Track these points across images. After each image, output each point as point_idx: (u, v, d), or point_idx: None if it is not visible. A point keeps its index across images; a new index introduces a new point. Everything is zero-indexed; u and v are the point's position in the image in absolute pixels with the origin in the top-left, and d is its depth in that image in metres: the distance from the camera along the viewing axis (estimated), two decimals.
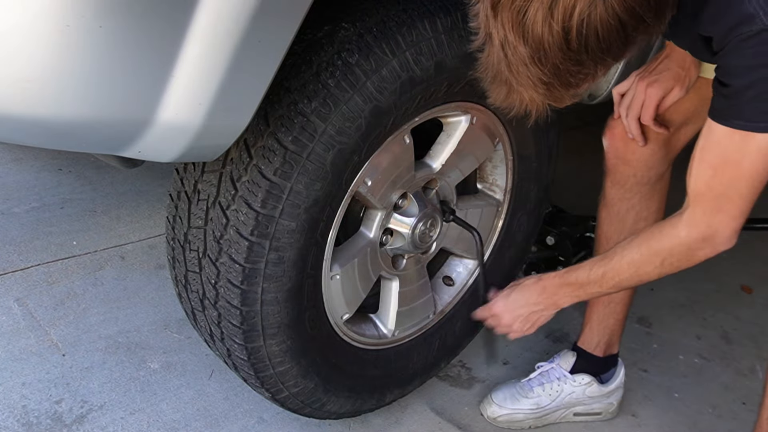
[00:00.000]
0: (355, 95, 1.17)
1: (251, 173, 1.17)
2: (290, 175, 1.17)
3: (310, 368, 1.41)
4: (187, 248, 1.30)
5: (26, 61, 0.83)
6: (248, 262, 1.21)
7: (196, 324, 1.42)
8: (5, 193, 2.37)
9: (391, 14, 1.21)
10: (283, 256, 1.23)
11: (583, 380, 1.72)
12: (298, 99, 1.15)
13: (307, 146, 1.16)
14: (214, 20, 0.90)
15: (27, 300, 1.88)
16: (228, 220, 1.20)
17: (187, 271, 1.33)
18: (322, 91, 1.15)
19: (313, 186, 1.20)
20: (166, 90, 0.92)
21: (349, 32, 1.18)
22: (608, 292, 1.38)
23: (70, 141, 1.03)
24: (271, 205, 1.18)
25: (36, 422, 1.53)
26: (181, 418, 1.60)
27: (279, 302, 1.28)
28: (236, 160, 1.19)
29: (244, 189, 1.18)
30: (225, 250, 1.22)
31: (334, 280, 1.39)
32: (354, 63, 1.16)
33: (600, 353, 1.74)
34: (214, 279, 1.26)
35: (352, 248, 1.42)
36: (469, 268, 1.73)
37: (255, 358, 1.33)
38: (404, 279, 1.56)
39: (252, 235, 1.19)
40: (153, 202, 2.45)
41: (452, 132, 1.47)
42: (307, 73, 1.16)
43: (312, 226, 1.24)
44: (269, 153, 1.16)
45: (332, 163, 1.20)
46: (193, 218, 1.27)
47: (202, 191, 1.24)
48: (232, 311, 1.27)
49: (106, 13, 0.83)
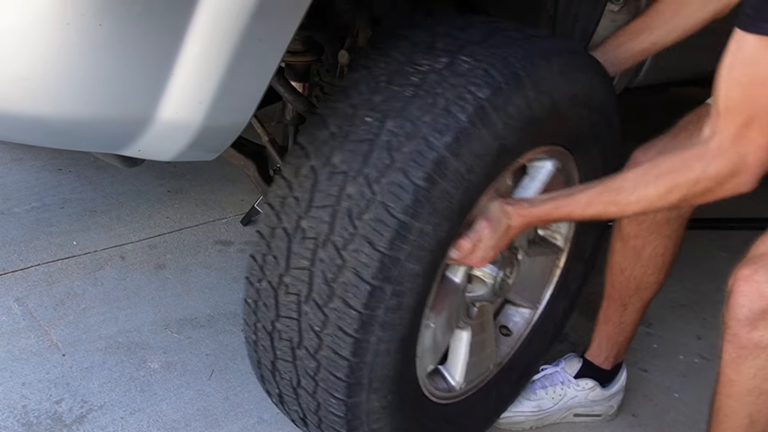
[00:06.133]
0: (486, 132, 1.10)
1: (375, 210, 1.06)
2: (420, 215, 1.06)
3: (401, 426, 1.31)
4: (282, 291, 1.16)
5: (26, 59, 0.83)
6: (367, 308, 1.09)
7: (274, 376, 1.27)
8: (5, 193, 2.37)
9: (512, 51, 1.15)
10: (403, 302, 1.12)
11: (586, 385, 1.72)
12: (428, 133, 1.07)
13: (439, 184, 1.07)
14: (214, 18, 0.90)
15: (27, 300, 1.88)
16: (344, 262, 1.08)
17: (278, 316, 1.19)
18: (454, 125, 1.07)
19: (441, 227, 1.10)
20: (166, 88, 0.92)
21: (473, 66, 1.12)
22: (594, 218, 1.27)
23: (69, 139, 1.03)
24: (397, 247, 1.06)
25: (36, 422, 1.53)
26: (181, 418, 1.60)
27: (390, 353, 1.17)
28: (356, 196, 1.07)
29: (366, 228, 1.06)
30: (339, 294, 1.09)
31: (428, 329, 1.31)
32: (484, 98, 1.09)
33: (608, 366, 1.74)
34: (318, 326, 1.13)
35: (443, 294, 1.33)
36: (526, 318, 1.67)
37: (352, 414, 1.21)
38: (475, 328, 1.48)
39: (375, 279, 1.07)
40: (153, 202, 2.46)
41: (536, 175, 1.40)
42: (436, 107, 1.08)
43: (432, 269, 1.15)
44: (398, 189, 1.05)
45: (460, 203, 1.12)
46: (295, 258, 1.14)
47: (309, 229, 1.11)
48: (338, 362, 1.14)
49: (106, 12, 0.83)
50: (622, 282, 1.63)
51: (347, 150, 1.09)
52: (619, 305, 1.67)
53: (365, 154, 1.08)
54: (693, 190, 1.09)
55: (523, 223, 1.23)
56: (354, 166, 1.08)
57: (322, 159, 1.11)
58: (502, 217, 1.20)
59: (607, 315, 1.70)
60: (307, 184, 1.12)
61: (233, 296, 2.03)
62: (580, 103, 1.28)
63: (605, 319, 1.70)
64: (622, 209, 1.17)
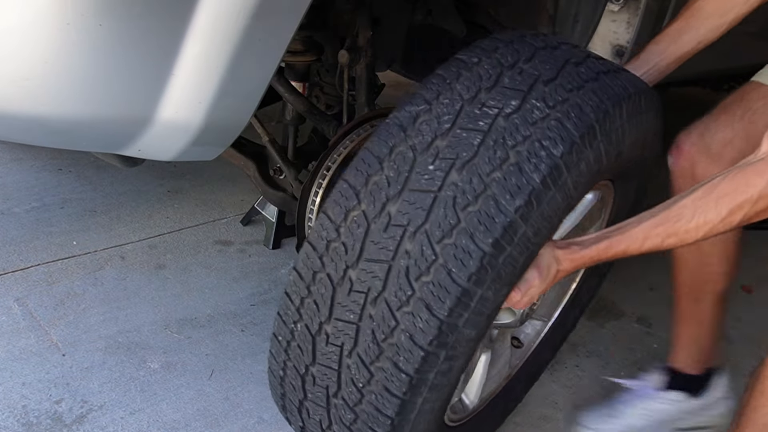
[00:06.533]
0: (557, 193, 1.01)
1: (437, 274, 0.97)
2: (484, 282, 0.98)
3: None
4: (322, 340, 1.09)
5: (26, 59, 0.83)
6: (418, 372, 1.02)
7: (300, 413, 1.21)
8: (5, 193, 2.37)
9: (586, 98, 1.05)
10: (454, 366, 1.07)
11: (675, 397, 1.63)
12: (499, 194, 0.97)
13: (506, 250, 0.99)
14: (214, 19, 0.90)
15: (27, 300, 1.88)
16: (398, 324, 1.00)
17: (314, 362, 1.11)
18: (527, 186, 0.97)
19: (502, 292, 1.04)
20: (166, 88, 0.92)
21: (546, 115, 1.01)
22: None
23: (69, 139, 1.03)
24: (457, 314, 0.99)
25: (36, 422, 1.53)
26: (181, 418, 1.60)
27: (433, 411, 1.13)
28: (415, 255, 0.99)
29: (425, 291, 0.98)
30: (389, 356, 1.02)
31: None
32: (559, 156, 0.99)
33: (696, 371, 1.65)
34: (362, 383, 1.06)
35: None
36: (537, 330, 1.64)
37: None
38: (494, 351, 1.46)
39: (430, 345, 0.99)
40: (153, 202, 2.45)
41: (577, 207, 1.34)
42: (507, 162, 0.98)
43: (486, 330, 1.10)
44: (463, 254, 0.96)
45: (522, 267, 1.05)
46: (339, 309, 1.05)
47: (358, 281, 1.03)
48: (379, 419, 1.08)
49: (106, 12, 0.83)
50: (688, 276, 1.58)
51: (406, 201, 1.00)
52: (691, 301, 1.61)
53: (427, 208, 0.99)
54: (755, 208, 1.05)
55: (573, 267, 1.18)
56: (414, 220, 0.99)
57: (376, 206, 1.02)
58: (552, 264, 1.14)
59: (682, 315, 1.63)
60: (357, 232, 1.03)
61: (233, 296, 2.03)
62: (638, 146, 1.23)
63: (681, 319, 1.63)
64: (682, 238, 1.10)
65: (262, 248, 2.28)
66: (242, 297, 2.03)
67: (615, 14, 1.54)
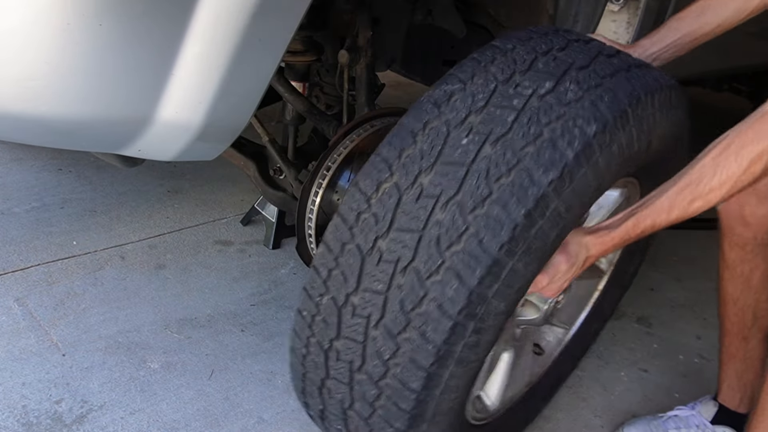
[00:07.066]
0: (589, 171, 1.02)
1: (468, 244, 0.98)
2: (515, 253, 0.99)
3: None
4: (348, 312, 1.09)
5: (27, 59, 0.84)
6: (446, 343, 1.01)
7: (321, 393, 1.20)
8: (5, 193, 2.37)
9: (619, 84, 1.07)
10: (481, 340, 1.06)
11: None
12: (532, 167, 0.98)
13: (537, 222, 1.00)
14: (214, 19, 0.90)
15: (27, 300, 1.88)
16: (427, 293, 1.00)
17: (339, 336, 1.11)
18: (560, 161, 0.99)
19: (531, 266, 1.04)
20: (167, 88, 0.92)
21: (579, 96, 1.03)
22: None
23: (70, 139, 1.03)
24: (487, 284, 0.99)
25: (36, 422, 1.53)
26: (181, 418, 1.60)
27: (459, 388, 1.11)
28: (446, 224, 1.00)
29: (456, 260, 0.98)
30: (417, 326, 1.02)
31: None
32: (592, 135, 1.01)
33: (744, 410, 1.64)
34: (388, 354, 1.05)
35: None
36: (559, 338, 1.63)
37: None
38: (516, 350, 1.44)
39: (459, 314, 0.99)
40: (153, 202, 2.46)
41: (604, 203, 1.35)
42: (541, 138, 1.00)
43: (514, 307, 1.09)
44: (495, 224, 0.97)
45: (552, 243, 1.05)
46: (367, 279, 1.05)
47: (388, 251, 1.03)
48: (404, 393, 1.07)
49: (107, 12, 0.83)
50: (738, 313, 1.57)
51: (438, 173, 1.02)
52: (740, 339, 1.60)
53: (460, 179, 1.00)
54: None
55: (603, 251, 1.17)
56: (447, 191, 1.01)
57: (408, 178, 1.04)
58: (580, 250, 1.14)
59: (730, 352, 1.62)
60: (389, 202, 1.04)
61: (233, 296, 2.03)
62: (667, 140, 1.23)
63: (729, 356, 1.62)
64: (707, 199, 1.09)
65: (262, 248, 2.28)
66: (242, 297, 2.03)
67: (615, 14, 1.54)
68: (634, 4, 1.51)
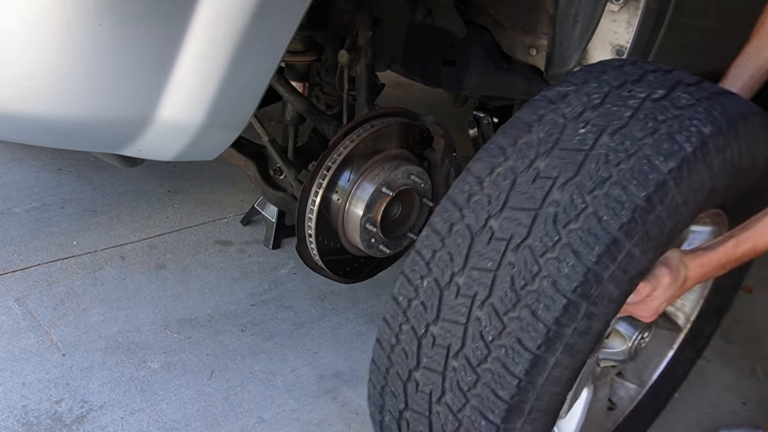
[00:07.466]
0: (705, 168, 1.04)
1: (587, 222, 0.99)
2: (633, 235, 0.99)
3: None
4: (452, 293, 1.07)
5: (27, 59, 0.84)
6: (557, 324, 0.98)
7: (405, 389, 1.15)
8: (5, 193, 2.37)
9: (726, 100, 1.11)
10: (591, 327, 1.02)
11: None
12: (651, 154, 1.01)
13: (656, 209, 1.00)
14: (214, 19, 0.90)
15: (27, 300, 1.88)
16: (541, 270, 0.99)
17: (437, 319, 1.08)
18: (679, 152, 1.01)
19: (647, 255, 1.03)
20: (167, 88, 0.92)
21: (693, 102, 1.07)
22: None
23: (71, 139, 1.03)
24: (604, 264, 0.98)
25: (36, 422, 1.53)
26: (181, 418, 1.60)
27: (561, 382, 1.07)
28: (564, 203, 1.00)
29: (573, 238, 0.98)
30: (528, 304, 1.00)
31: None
32: (708, 135, 1.03)
33: None
34: (492, 335, 1.02)
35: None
36: (631, 395, 1.60)
37: None
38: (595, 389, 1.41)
39: (574, 292, 0.97)
40: (153, 202, 2.46)
41: (693, 241, 1.33)
42: (658, 131, 1.02)
43: (624, 299, 1.06)
44: (615, 204, 0.98)
45: (668, 236, 1.04)
46: (475, 257, 1.05)
47: (501, 229, 1.04)
48: (506, 380, 1.02)
49: (107, 12, 0.83)
50: None
51: (556, 156, 1.04)
52: None
53: (578, 163, 1.02)
54: None
55: (702, 273, 1.15)
56: (564, 173, 1.02)
57: (524, 161, 1.06)
58: (681, 268, 1.12)
59: None
60: (503, 183, 1.06)
61: (233, 296, 2.03)
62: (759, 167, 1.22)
63: None
64: None
65: (262, 248, 2.28)
66: (242, 297, 2.03)
67: (615, 14, 1.53)
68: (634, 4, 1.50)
